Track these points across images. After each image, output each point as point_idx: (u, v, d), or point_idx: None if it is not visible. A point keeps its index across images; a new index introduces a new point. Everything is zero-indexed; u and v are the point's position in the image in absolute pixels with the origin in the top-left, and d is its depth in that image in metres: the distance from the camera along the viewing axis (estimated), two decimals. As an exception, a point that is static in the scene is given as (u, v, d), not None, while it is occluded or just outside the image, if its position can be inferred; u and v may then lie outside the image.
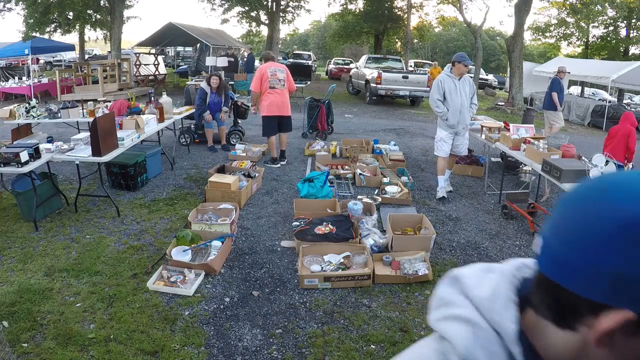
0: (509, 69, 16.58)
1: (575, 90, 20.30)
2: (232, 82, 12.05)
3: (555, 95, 8.62)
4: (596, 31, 26.62)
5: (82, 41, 19.56)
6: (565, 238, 0.50)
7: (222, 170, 5.62)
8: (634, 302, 0.45)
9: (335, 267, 3.50)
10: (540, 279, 0.53)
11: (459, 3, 21.84)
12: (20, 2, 14.83)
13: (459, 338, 0.54)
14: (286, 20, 23.06)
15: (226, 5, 21.22)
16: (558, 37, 26.94)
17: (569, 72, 9.05)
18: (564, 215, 0.52)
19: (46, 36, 15.61)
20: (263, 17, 21.88)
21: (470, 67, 4.93)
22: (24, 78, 13.64)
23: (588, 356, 0.50)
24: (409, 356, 0.62)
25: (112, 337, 2.73)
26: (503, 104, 15.65)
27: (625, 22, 24.31)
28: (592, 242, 0.47)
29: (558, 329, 0.52)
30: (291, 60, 24.31)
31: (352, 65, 24.22)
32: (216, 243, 3.75)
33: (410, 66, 24.63)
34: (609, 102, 15.09)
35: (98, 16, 17.45)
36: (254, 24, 22.78)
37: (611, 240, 0.46)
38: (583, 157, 4.37)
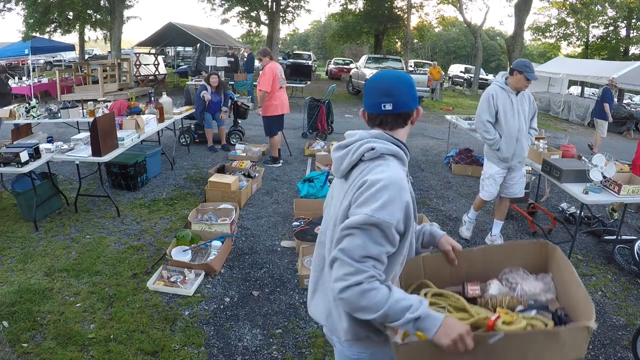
0: (509, 69, 16.56)
1: (575, 90, 20.30)
2: (232, 82, 12.05)
3: (607, 105, 8.81)
4: (596, 31, 26.65)
5: (82, 41, 19.57)
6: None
7: (222, 170, 5.62)
8: (414, 101, 1.41)
9: None
10: (387, 116, 1.40)
11: (459, 3, 21.86)
12: (20, 2, 14.84)
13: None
14: (286, 20, 23.07)
15: (226, 5, 21.24)
16: (558, 37, 26.96)
17: (614, 81, 9.29)
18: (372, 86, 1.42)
19: (46, 36, 15.62)
20: (263, 17, 21.89)
21: (530, 80, 3.61)
22: (24, 78, 13.64)
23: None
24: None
25: (112, 337, 2.72)
26: (503, 104, 15.63)
27: (625, 22, 24.32)
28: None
29: (404, 129, 1.42)
30: (291, 60, 24.28)
31: (352, 65, 24.23)
32: (216, 243, 3.74)
33: (410, 66, 24.63)
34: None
35: (98, 16, 17.46)
36: (254, 24, 22.79)
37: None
38: (583, 157, 4.38)
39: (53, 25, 15.95)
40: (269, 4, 20.84)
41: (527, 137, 3.83)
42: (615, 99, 16.90)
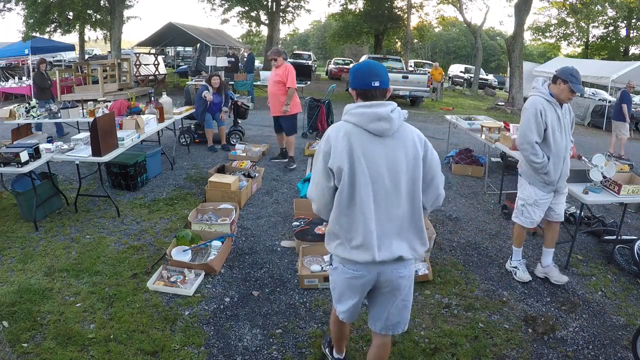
0: (509, 69, 16.58)
1: (575, 90, 20.26)
2: (232, 82, 12.05)
3: (625, 106, 8.91)
4: (596, 31, 26.68)
5: (82, 41, 19.57)
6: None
7: (222, 170, 5.61)
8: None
9: (335, 267, 3.49)
10: (377, 90, 1.89)
11: (459, 3, 21.86)
12: (20, 2, 14.83)
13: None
14: (286, 20, 23.11)
15: (226, 5, 21.26)
16: (558, 37, 26.97)
17: (631, 83, 9.41)
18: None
19: (46, 36, 15.61)
20: (263, 17, 21.91)
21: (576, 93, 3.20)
22: (24, 78, 13.64)
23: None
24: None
25: (112, 337, 2.73)
26: (503, 104, 15.65)
27: (625, 22, 24.33)
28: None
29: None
30: (291, 60, 24.28)
31: (352, 65, 24.20)
32: (216, 243, 3.75)
33: (410, 66, 24.63)
34: (609, 102, 15.08)
35: (98, 16, 17.45)
36: (254, 24, 22.82)
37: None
38: (583, 157, 4.37)
39: (53, 25, 15.94)
40: (269, 4, 20.86)
41: (569, 153, 3.37)
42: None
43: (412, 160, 1.84)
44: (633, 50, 25.10)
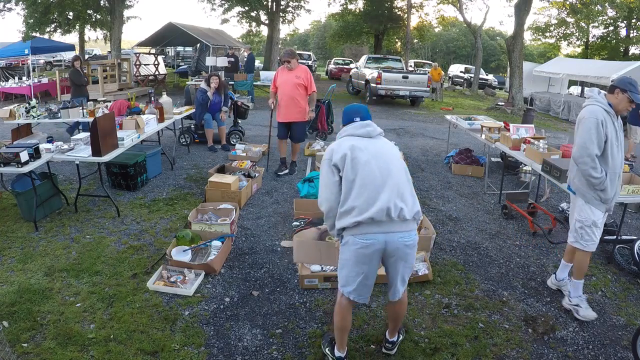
0: (509, 69, 16.57)
1: (575, 90, 20.30)
2: (232, 82, 12.05)
3: None
4: (596, 31, 26.67)
5: (82, 41, 19.58)
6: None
7: (222, 170, 5.61)
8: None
9: (335, 267, 3.49)
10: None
11: (459, 3, 21.87)
12: (20, 2, 14.83)
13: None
14: (286, 20, 23.09)
15: (226, 5, 21.24)
16: (558, 37, 26.96)
17: None
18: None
19: (46, 36, 15.62)
20: (263, 17, 21.90)
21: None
22: (24, 78, 13.64)
23: None
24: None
25: (112, 337, 2.73)
26: (503, 104, 15.65)
27: (625, 22, 24.33)
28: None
29: None
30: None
31: (352, 65, 24.23)
32: (216, 243, 3.75)
33: (410, 66, 24.64)
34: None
35: (98, 16, 17.47)
36: (254, 24, 22.81)
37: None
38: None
39: (53, 25, 15.95)
40: (269, 4, 20.85)
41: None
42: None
43: (395, 154, 2.42)
44: (633, 50, 25.10)
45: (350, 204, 2.24)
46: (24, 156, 3.98)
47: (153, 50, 19.75)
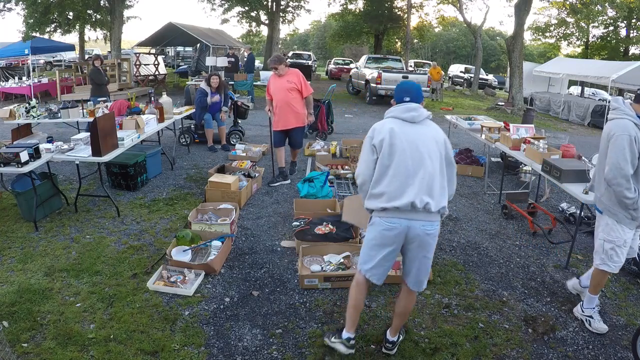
0: (509, 69, 16.57)
1: (575, 90, 20.31)
2: (232, 82, 12.05)
3: None
4: (596, 31, 26.66)
5: (82, 41, 19.57)
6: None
7: (222, 170, 5.61)
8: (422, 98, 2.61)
9: (335, 267, 3.50)
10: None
11: (459, 3, 21.87)
12: (20, 2, 14.83)
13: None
14: (286, 20, 23.10)
15: (226, 5, 21.26)
16: (558, 37, 26.96)
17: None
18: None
19: (46, 36, 15.62)
20: (263, 17, 21.91)
21: None
22: (24, 78, 13.64)
23: None
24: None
25: (112, 337, 2.73)
26: (503, 104, 15.65)
27: (625, 22, 24.32)
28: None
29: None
30: (291, 60, 24.28)
31: (352, 65, 24.23)
32: (216, 243, 3.75)
33: (410, 66, 24.64)
34: (609, 102, 15.08)
35: (98, 16, 17.46)
36: (254, 24, 22.81)
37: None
38: (583, 157, 4.38)
39: (53, 25, 15.94)
40: (269, 4, 20.86)
41: None
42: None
43: (439, 144, 2.44)
44: (633, 50, 25.08)
45: (381, 189, 2.40)
46: (24, 156, 3.98)
47: (153, 50, 19.75)
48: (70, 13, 15.80)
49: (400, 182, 2.35)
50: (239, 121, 8.14)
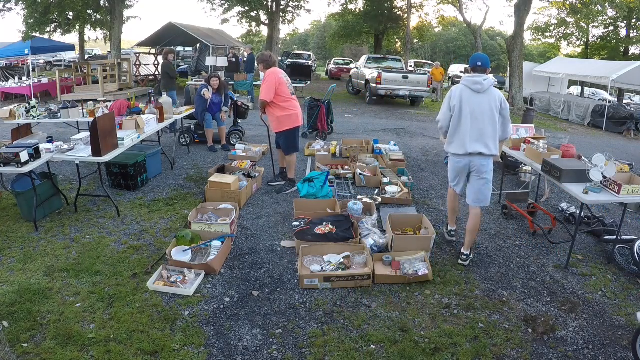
0: (509, 69, 16.57)
1: (575, 90, 20.31)
2: (232, 82, 12.05)
3: None
4: (596, 31, 26.63)
5: (82, 41, 19.54)
6: None
7: (222, 170, 5.61)
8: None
9: (335, 267, 3.50)
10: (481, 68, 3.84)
11: (459, 3, 21.85)
12: (20, 2, 14.82)
13: None
14: (286, 20, 23.05)
15: (226, 5, 21.21)
16: (558, 37, 26.94)
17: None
18: None
19: (46, 36, 15.61)
20: (263, 17, 21.87)
21: None
22: (24, 78, 13.64)
23: None
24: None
25: (112, 337, 2.73)
26: (503, 104, 15.64)
27: (625, 22, 24.30)
28: None
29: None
30: (291, 60, 24.28)
31: (352, 65, 24.22)
32: (216, 243, 3.75)
33: (410, 66, 24.63)
34: (609, 102, 15.08)
35: (98, 16, 17.44)
36: (254, 24, 22.77)
37: None
38: (583, 157, 4.38)
39: (53, 25, 15.91)
40: (269, 4, 20.83)
41: None
42: (615, 99, 16.95)
43: (493, 107, 3.59)
44: (633, 50, 25.06)
45: (452, 138, 3.70)
46: (24, 156, 3.98)
47: (153, 50, 19.75)
48: (70, 13, 15.77)
49: (463, 137, 3.61)
50: (239, 121, 8.14)
